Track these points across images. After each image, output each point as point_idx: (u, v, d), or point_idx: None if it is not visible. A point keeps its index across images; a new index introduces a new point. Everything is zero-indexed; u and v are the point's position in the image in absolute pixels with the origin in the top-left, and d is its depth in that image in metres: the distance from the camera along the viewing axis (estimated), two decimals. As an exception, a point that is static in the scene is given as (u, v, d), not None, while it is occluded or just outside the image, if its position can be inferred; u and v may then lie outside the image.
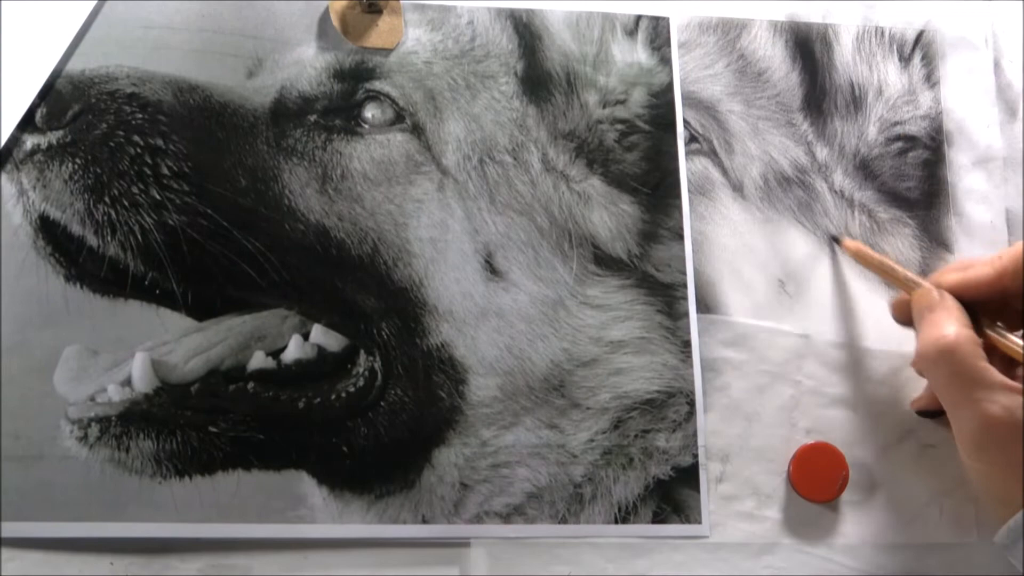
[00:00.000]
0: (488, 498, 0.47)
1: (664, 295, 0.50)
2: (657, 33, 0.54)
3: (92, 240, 0.45)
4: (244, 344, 0.47)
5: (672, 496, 0.48)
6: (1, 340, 0.45)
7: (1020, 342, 0.44)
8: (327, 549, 0.45)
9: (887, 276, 0.50)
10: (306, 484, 0.46)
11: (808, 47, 0.56)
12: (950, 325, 0.44)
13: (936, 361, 0.44)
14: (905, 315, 0.48)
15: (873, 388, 0.51)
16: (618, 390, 0.49)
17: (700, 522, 0.48)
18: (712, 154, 0.53)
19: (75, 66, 0.48)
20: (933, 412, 0.49)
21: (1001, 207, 0.55)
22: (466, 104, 0.51)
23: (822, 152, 0.54)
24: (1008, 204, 0.55)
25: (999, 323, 0.46)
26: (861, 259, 0.51)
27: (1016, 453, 0.41)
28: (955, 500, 0.50)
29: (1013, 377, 0.43)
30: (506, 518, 0.47)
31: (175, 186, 0.46)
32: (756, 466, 0.49)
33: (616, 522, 0.47)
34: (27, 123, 0.46)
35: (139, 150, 0.46)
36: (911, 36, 0.57)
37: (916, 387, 0.51)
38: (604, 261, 0.50)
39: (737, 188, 0.53)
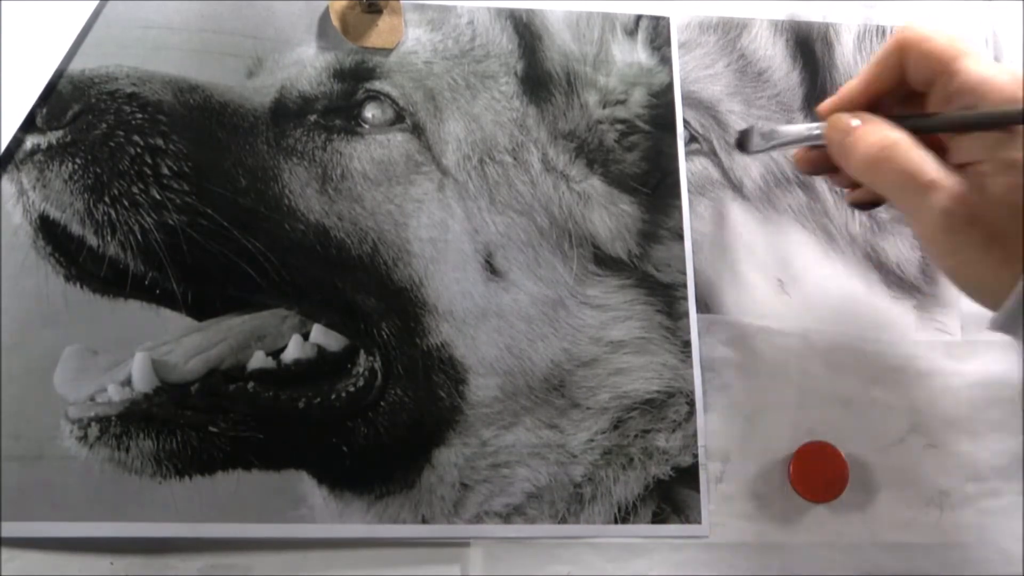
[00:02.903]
0: (488, 498, 0.47)
1: (664, 295, 0.50)
2: (657, 33, 0.54)
3: (92, 240, 0.45)
4: (244, 344, 0.47)
5: (672, 496, 0.48)
6: (1, 340, 0.45)
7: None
8: (327, 549, 0.45)
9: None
10: (306, 484, 0.46)
11: (809, 46, 0.55)
12: (882, 128, 0.42)
13: (883, 161, 0.41)
14: (811, 163, 0.46)
15: (873, 388, 0.51)
16: (618, 390, 0.49)
17: (700, 522, 0.48)
18: (712, 154, 0.53)
19: (75, 66, 0.48)
20: (868, 204, 0.47)
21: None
22: (466, 104, 0.51)
23: (822, 152, 0.54)
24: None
25: None
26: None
27: (987, 226, 0.39)
28: (955, 500, 0.50)
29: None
30: (506, 518, 0.47)
31: (175, 186, 0.46)
32: (756, 466, 0.49)
33: (616, 522, 0.47)
34: (27, 123, 0.46)
35: (139, 150, 0.46)
36: (912, 36, 0.57)
37: (916, 388, 0.51)
38: (604, 261, 0.50)
39: (737, 188, 0.53)
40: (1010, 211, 0.38)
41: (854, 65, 0.56)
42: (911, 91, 0.43)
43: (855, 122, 0.43)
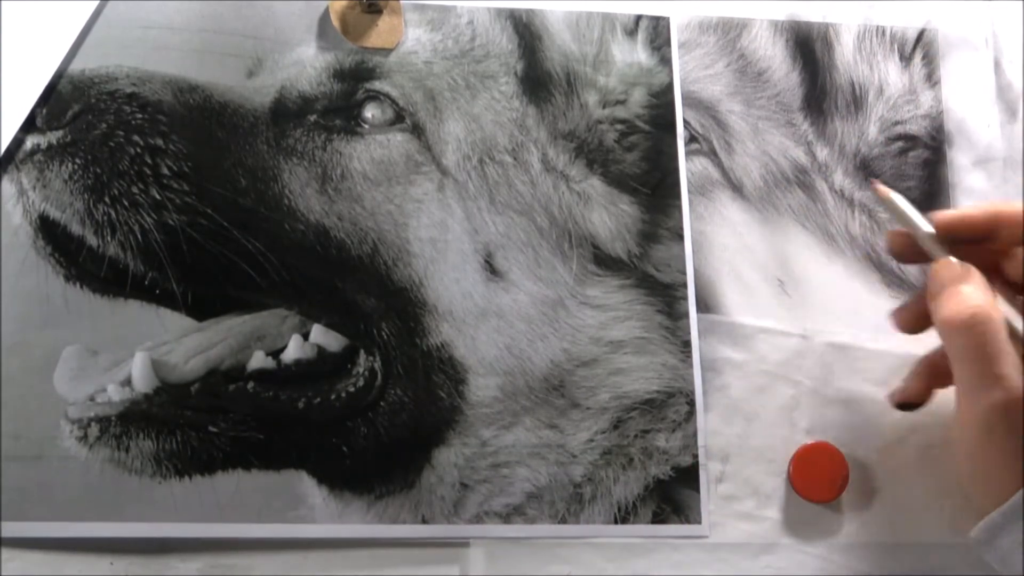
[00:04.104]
0: (488, 498, 0.47)
1: (664, 295, 0.50)
2: (657, 33, 0.54)
3: (92, 240, 0.45)
4: (244, 344, 0.47)
5: (672, 496, 0.48)
6: (1, 340, 0.45)
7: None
8: (327, 549, 0.45)
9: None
10: (306, 484, 0.46)
11: (809, 47, 0.55)
12: (981, 295, 0.42)
13: (967, 331, 0.42)
14: (904, 250, 0.47)
15: (873, 388, 0.51)
16: (618, 390, 0.49)
17: (700, 522, 0.48)
18: (712, 154, 0.53)
19: (75, 66, 0.48)
20: (912, 405, 0.49)
21: (1001, 207, 0.55)
22: (466, 104, 0.51)
23: (822, 152, 0.54)
24: (1008, 204, 0.55)
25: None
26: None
27: (1017, 442, 0.40)
28: (955, 500, 0.50)
29: None
30: (506, 518, 0.47)
31: (175, 186, 0.46)
32: (756, 466, 0.49)
33: (616, 522, 0.47)
34: (27, 123, 0.46)
35: (139, 150, 0.46)
36: (912, 35, 0.57)
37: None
38: (604, 261, 0.50)
39: (737, 188, 0.53)
40: None
41: (854, 65, 0.56)
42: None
43: (960, 277, 0.44)
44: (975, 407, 0.41)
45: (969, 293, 0.43)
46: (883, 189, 0.48)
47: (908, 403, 0.49)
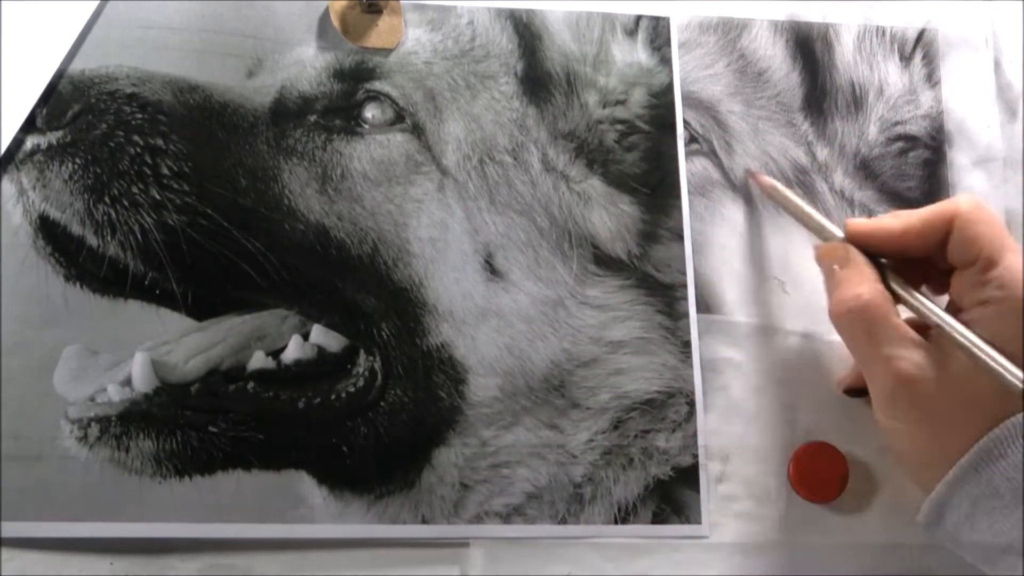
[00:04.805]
0: (488, 498, 0.47)
1: (664, 295, 0.50)
2: (657, 33, 0.54)
3: (92, 240, 0.45)
4: (244, 344, 0.47)
5: (672, 496, 0.48)
6: (1, 340, 0.45)
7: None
8: (327, 549, 0.45)
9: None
10: (306, 484, 0.46)
11: (809, 47, 0.56)
12: (861, 284, 0.43)
13: (849, 320, 0.43)
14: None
15: (873, 388, 0.51)
16: (618, 390, 0.49)
17: (700, 522, 0.48)
18: (712, 154, 0.53)
19: (75, 66, 0.48)
20: (859, 391, 0.48)
21: (1001, 207, 0.55)
22: (466, 104, 0.51)
23: (822, 152, 0.54)
24: (1008, 204, 0.55)
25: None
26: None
27: (929, 410, 0.41)
28: (955, 500, 0.50)
29: (926, 334, 0.43)
30: (506, 518, 0.47)
31: (175, 186, 0.46)
32: (756, 466, 0.49)
33: (616, 522, 0.47)
34: (27, 124, 0.46)
35: (139, 150, 0.46)
36: (912, 35, 0.57)
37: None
38: (604, 261, 0.50)
39: (737, 188, 0.53)
40: (957, 397, 0.40)
41: (854, 65, 0.56)
42: (943, 254, 0.44)
43: (836, 267, 0.45)
44: (876, 391, 0.43)
45: (851, 280, 0.44)
46: (767, 181, 0.50)
47: (855, 388, 0.49)
